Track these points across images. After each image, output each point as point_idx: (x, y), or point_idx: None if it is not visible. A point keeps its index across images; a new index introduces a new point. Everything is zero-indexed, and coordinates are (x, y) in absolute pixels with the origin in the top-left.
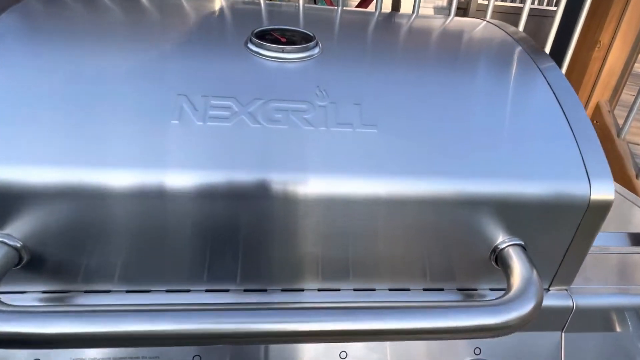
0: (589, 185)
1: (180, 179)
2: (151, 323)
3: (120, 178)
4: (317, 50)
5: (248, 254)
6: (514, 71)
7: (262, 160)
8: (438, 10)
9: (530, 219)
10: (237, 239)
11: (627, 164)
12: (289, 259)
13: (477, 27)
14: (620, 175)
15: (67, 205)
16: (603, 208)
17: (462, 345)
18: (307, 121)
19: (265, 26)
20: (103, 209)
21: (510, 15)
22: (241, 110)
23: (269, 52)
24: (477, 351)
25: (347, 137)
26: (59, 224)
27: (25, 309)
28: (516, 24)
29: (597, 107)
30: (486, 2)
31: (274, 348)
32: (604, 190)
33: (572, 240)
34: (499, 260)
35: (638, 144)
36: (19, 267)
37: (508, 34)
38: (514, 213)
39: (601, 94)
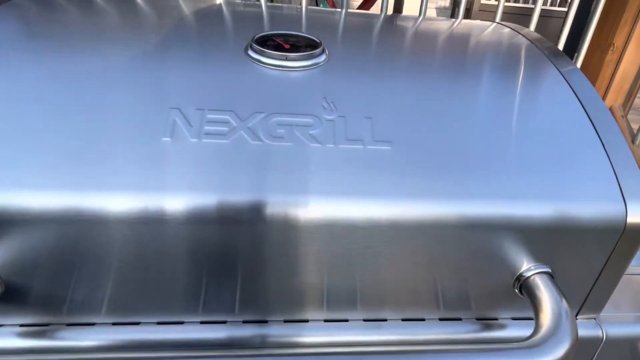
0: (624, 207)
1: (172, 203)
2: None
3: (104, 202)
4: (323, 57)
5: (248, 283)
6: (537, 80)
7: (262, 181)
8: (440, 10)
9: (559, 244)
10: (236, 266)
11: None
12: (292, 288)
13: (489, 30)
14: None
15: (47, 231)
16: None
17: None
18: (313, 137)
19: (267, 30)
20: (87, 235)
21: (515, 16)
22: (240, 126)
23: (271, 60)
24: None
25: (357, 155)
26: (37, 252)
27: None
28: (522, 25)
29: (610, 112)
30: (488, 2)
31: None
32: None
33: (605, 266)
34: (525, 289)
35: None
36: None
37: (523, 35)
38: (542, 237)
39: (614, 98)
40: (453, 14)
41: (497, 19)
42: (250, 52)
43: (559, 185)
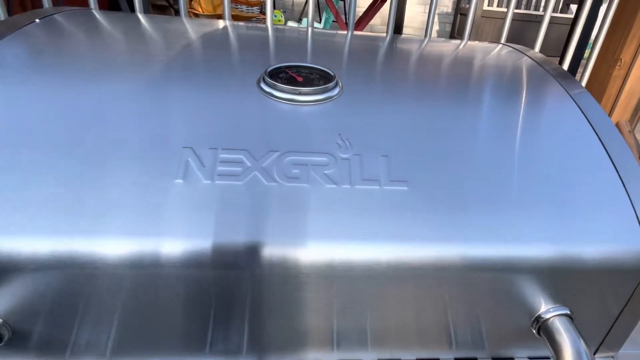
0: None
1: (186, 248)
2: None
3: (113, 249)
4: (336, 90)
5: (257, 325)
6: (549, 107)
7: (278, 225)
8: (442, 16)
9: (579, 285)
10: (245, 309)
11: None
12: (304, 330)
13: (495, 52)
14: None
15: (51, 277)
16: None
17: None
18: (328, 177)
19: (277, 57)
20: (91, 280)
21: (519, 22)
22: (254, 165)
23: (284, 94)
24: None
25: (374, 196)
26: (41, 298)
27: None
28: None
29: (617, 127)
30: (491, 8)
31: None
32: None
33: (625, 307)
34: (543, 331)
35: None
36: (1, 344)
37: (529, 57)
38: (561, 280)
39: (621, 114)
40: (455, 18)
41: (503, 39)
42: (263, 85)
43: (579, 227)
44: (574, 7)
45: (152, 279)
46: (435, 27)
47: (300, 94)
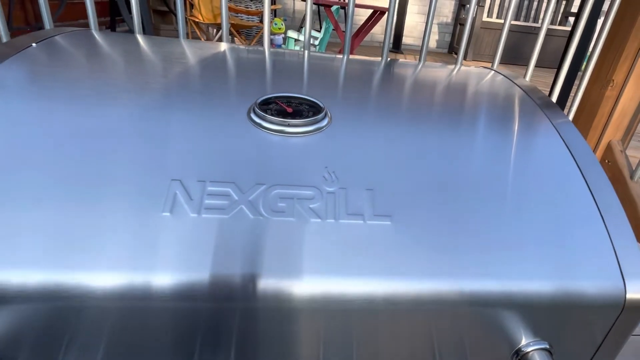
0: (623, 284)
1: (170, 280)
2: None
3: (100, 282)
4: (325, 121)
5: (245, 356)
6: (534, 141)
7: (263, 259)
8: (442, 26)
9: (559, 320)
10: (231, 342)
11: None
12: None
13: (486, 80)
14: (633, 221)
15: (42, 311)
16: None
17: None
18: (313, 211)
19: (271, 85)
20: (78, 314)
21: (517, 34)
22: (241, 199)
23: (273, 125)
24: None
25: (357, 231)
26: (31, 330)
27: None
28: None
29: (609, 147)
30: (490, 19)
31: None
32: None
33: (603, 342)
34: None
35: None
36: None
37: (518, 86)
38: (541, 314)
39: (613, 134)
40: (455, 28)
41: (495, 65)
42: (253, 116)
43: (558, 263)
44: (572, 20)
45: (139, 312)
46: (435, 37)
47: (289, 125)
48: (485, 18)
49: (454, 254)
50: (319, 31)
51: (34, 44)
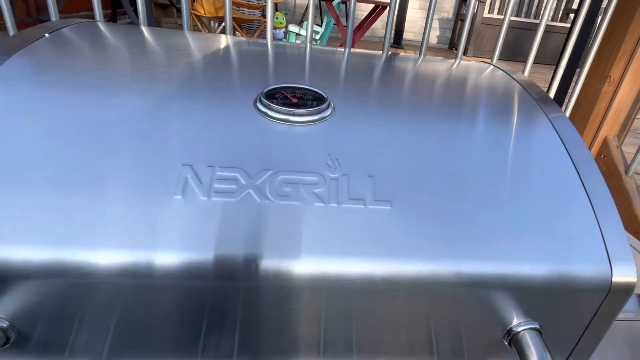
0: (610, 268)
1: (179, 259)
2: None
3: (112, 258)
4: (328, 111)
5: (247, 333)
6: (528, 134)
7: (269, 240)
8: (443, 22)
9: (547, 302)
10: (237, 320)
11: (634, 202)
12: (291, 338)
13: (485, 74)
14: (628, 214)
15: (55, 285)
16: (625, 291)
17: None
18: (317, 196)
19: (275, 77)
20: (93, 289)
21: (518, 30)
22: (248, 184)
23: (279, 115)
24: None
25: (358, 215)
26: (46, 304)
27: None
28: (521, 39)
29: (605, 142)
30: (491, 15)
31: None
32: (626, 273)
33: (591, 322)
34: (514, 343)
35: None
36: (5, 347)
37: (516, 81)
38: (530, 296)
39: (609, 129)
40: (456, 24)
41: (494, 60)
42: (259, 106)
43: (550, 248)
44: (572, 16)
45: (149, 289)
46: (436, 32)
47: (294, 114)
48: (486, 14)
49: (450, 237)
50: (320, 25)
51: (46, 34)
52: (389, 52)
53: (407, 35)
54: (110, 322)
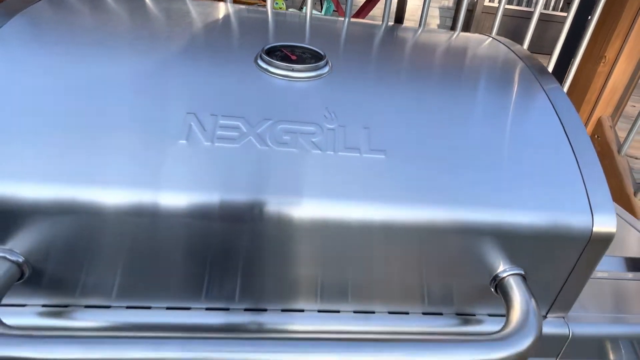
0: (591, 218)
1: (184, 200)
2: (153, 351)
3: (121, 197)
4: (326, 69)
5: (248, 275)
6: (521, 96)
7: (267, 183)
8: (443, 10)
9: (531, 249)
10: (237, 259)
11: (626, 181)
12: (289, 281)
13: (483, 45)
14: (619, 193)
15: (67, 222)
16: (604, 241)
17: None
18: (315, 144)
19: (274, 39)
20: (103, 226)
21: (516, 19)
22: (249, 131)
23: (279, 70)
24: None
25: (353, 163)
26: (59, 240)
27: (27, 332)
28: (521, 28)
29: (599, 122)
30: (492, 4)
31: None
32: (606, 223)
33: (572, 271)
34: (499, 288)
35: (638, 158)
36: (20, 281)
37: (514, 52)
38: (516, 243)
39: (604, 109)
40: (456, 16)
41: (494, 32)
42: (260, 62)
43: (536, 198)
44: None
45: (154, 227)
46: (436, 21)
47: (293, 70)
48: (487, 3)
49: (440, 184)
50: (320, 11)
51: None
52: (389, 23)
53: (408, 23)
54: (118, 261)
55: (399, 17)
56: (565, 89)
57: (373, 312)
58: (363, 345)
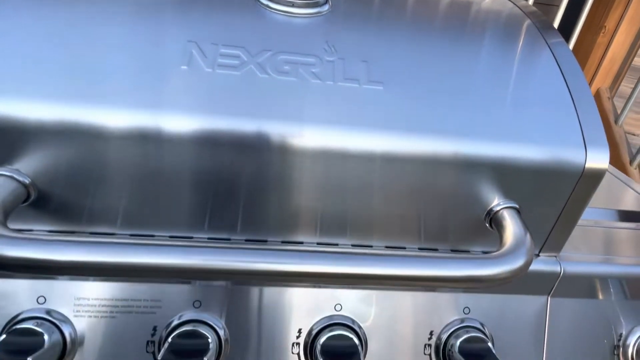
0: (585, 152)
1: (186, 123)
2: (156, 256)
3: (124, 118)
4: (326, 7)
5: (248, 204)
6: (521, 42)
7: (268, 110)
8: None
9: (525, 182)
10: (237, 188)
11: (622, 150)
12: (288, 212)
13: None
14: (615, 162)
15: (71, 143)
16: (597, 176)
17: (452, 304)
18: (314, 74)
19: None
20: (105, 149)
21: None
22: (250, 60)
23: (279, 6)
24: (466, 310)
25: (352, 93)
26: (64, 163)
27: (33, 235)
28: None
29: (597, 94)
30: None
31: (270, 297)
32: (599, 158)
33: (565, 207)
34: (494, 222)
35: (635, 135)
36: (26, 204)
37: (518, 7)
38: (510, 176)
39: (602, 81)
40: None
41: None
42: None
43: (528, 129)
44: None
45: (156, 150)
46: None
47: (293, 6)
48: None
49: (438, 116)
50: None
51: None
52: None
53: None
54: (121, 187)
55: None
56: None
57: (371, 246)
58: (355, 258)
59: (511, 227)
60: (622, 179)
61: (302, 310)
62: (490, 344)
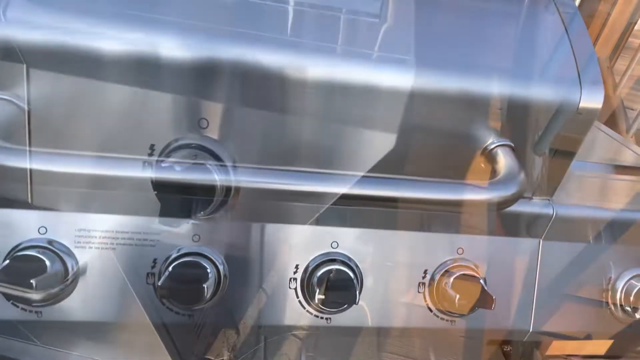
0: (580, 91)
1: (188, 52)
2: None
3: (118, 37)
4: None
5: (252, 132)
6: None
7: (267, 37)
8: None
9: (520, 121)
10: (243, 116)
11: (620, 120)
12: (295, 143)
13: None
14: (612, 129)
15: (67, 67)
16: (591, 114)
17: (446, 244)
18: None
19: None
20: (101, 71)
21: None
22: None
23: None
24: (460, 251)
25: (350, 24)
26: (62, 88)
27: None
28: None
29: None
30: None
31: (269, 234)
32: (593, 98)
33: (558, 146)
34: (489, 158)
35: (633, 110)
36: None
37: None
38: (506, 114)
39: (603, 49)
40: None
41: None
42: None
43: (529, 70)
44: None
45: (150, 72)
46: None
47: None
48: None
49: (439, 53)
50: None
51: None
52: None
53: None
54: (119, 115)
55: None
56: None
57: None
58: (357, 181)
59: (505, 160)
60: (618, 139)
61: (300, 247)
62: (482, 281)
